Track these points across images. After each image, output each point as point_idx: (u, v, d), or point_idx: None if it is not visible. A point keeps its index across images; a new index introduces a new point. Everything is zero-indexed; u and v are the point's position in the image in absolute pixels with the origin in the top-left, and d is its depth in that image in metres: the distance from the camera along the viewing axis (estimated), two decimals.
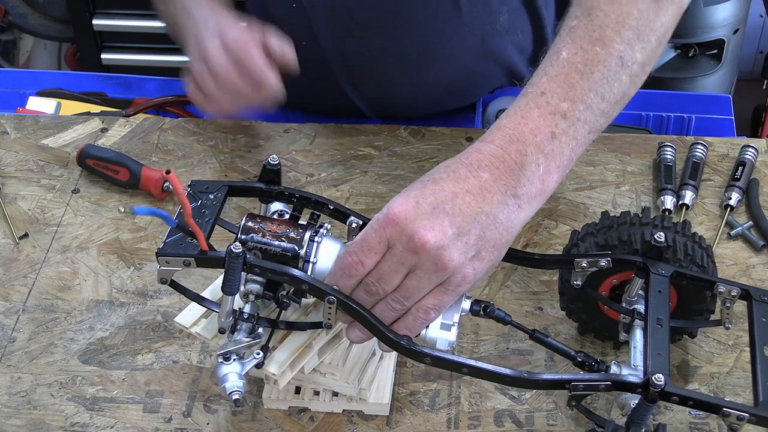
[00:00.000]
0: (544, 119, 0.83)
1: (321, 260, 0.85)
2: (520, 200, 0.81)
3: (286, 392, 0.94)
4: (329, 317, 0.84)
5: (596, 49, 0.86)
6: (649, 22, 0.89)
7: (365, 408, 0.94)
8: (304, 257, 0.84)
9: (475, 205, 0.79)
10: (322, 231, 0.86)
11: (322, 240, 0.85)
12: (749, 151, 1.21)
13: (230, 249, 0.80)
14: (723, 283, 0.90)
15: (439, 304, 0.81)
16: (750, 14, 2.19)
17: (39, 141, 1.28)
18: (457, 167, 0.81)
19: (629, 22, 0.88)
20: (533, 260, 0.93)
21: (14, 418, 0.96)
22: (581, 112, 0.84)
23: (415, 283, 0.80)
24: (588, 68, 0.85)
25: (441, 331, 0.85)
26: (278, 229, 0.85)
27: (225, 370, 0.83)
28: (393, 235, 0.79)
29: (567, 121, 0.84)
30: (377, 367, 0.96)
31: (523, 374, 0.84)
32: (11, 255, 1.12)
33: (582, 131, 0.85)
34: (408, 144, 1.27)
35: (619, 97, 0.88)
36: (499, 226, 0.80)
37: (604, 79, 0.86)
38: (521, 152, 0.82)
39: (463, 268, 0.80)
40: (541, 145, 0.82)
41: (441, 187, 0.80)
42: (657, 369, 0.81)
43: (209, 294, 0.91)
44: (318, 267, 0.85)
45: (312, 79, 1.26)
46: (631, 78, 0.88)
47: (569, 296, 0.98)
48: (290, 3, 1.24)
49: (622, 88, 0.88)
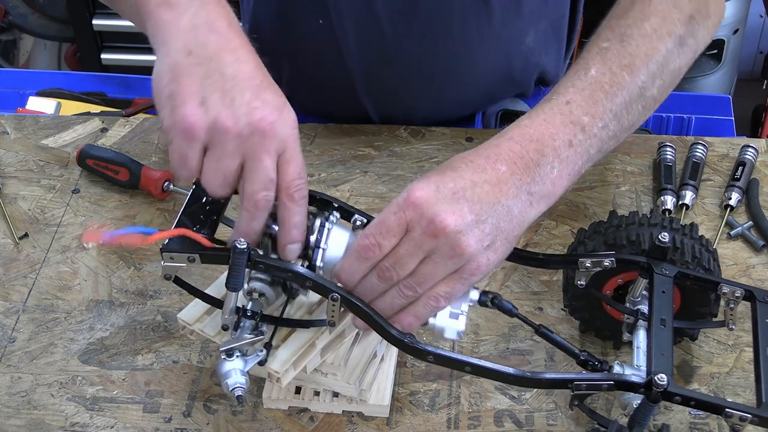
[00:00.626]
0: (565, 127, 0.85)
1: (331, 247, 0.85)
2: (532, 197, 0.83)
3: (286, 392, 0.94)
4: (333, 315, 0.84)
5: (624, 74, 0.89)
6: (669, 62, 0.93)
7: (365, 409, 0.94)
8: (314, 243, 0.84)
9: (493, 195, 0.80)
10: (332, 218, 0.86)
11: (332, 227, 0.85)
12: (749, 151, 1.21)
13: (234, 245, 0.80)
14: (727, 284, 0.90)
15: (450, 293, 0.81)
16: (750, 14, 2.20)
17: (39, 141, 1.28)
18: (474, 158, 0.82)
19: (656, 57, 0.91)
20: (537, 260, 0.93)
21: (14, 418, 0.95)
22: (599, 129, 0.87)
23: (430, 268, 0.80)
24: (613, 90, 0.88)
25: (450, 320, 0.84)
26: None
27: (228, 366, 0.83)
28: (413, 218, 0.79)
29: (585, 134, 0.86)
30: (378, 368, 0.95)
31: (526, 373, 0.84)
32: (11, 255, 1.12)
33: (594, 148, 0.87)
34: (408, 144, 1.27)
35: (630, 125, 0.91)
36: (513, 218, 0.81)
37: (624, 104, 0.89)
38: (539, 152, 0.83)
39: (478, 256, 0.80)
40: (559, 150, 0.84)
41: (460, 174, 0.81)
42: (660, 369, 0.81)
43: (213, 291, 0.91)
44: (328, 254, 0.84)
45: (332, 90, 1.27)
46: (644, 109, 0.92)
47: (572, 294, 0.98)
48: (317, 19, 1.20)
49: (635, 117, 0.91)
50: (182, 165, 0.80)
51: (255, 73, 0.80)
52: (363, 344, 0.93)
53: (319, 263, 0.85)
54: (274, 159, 0.79)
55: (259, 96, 0.79)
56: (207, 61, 0.78)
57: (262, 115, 0.78)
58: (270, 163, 0.79)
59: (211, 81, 0.78)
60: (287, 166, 0.80)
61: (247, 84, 0.79)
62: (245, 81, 0.79)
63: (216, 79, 0.78)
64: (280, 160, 0.80)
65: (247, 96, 0.78)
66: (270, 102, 0.79)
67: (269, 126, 0.78)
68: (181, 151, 0.79)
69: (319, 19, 1.20)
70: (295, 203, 0.81)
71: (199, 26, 0.80)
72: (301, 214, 0.82)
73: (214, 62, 0.78)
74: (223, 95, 0.77)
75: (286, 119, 0.80)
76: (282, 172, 0.80)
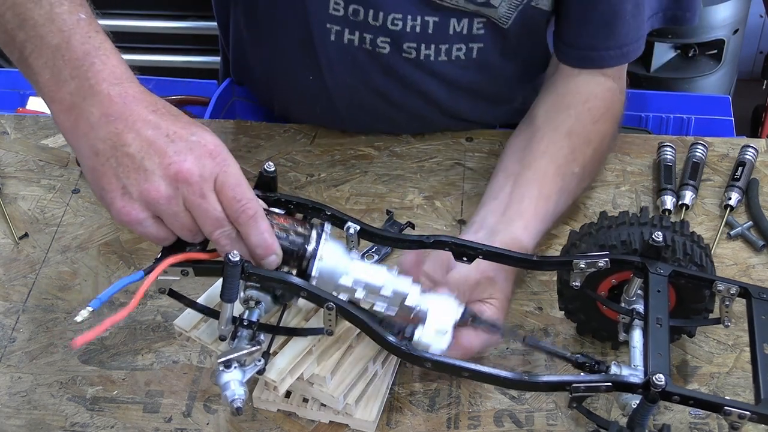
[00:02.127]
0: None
1: (326, 258, 0.85)
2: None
3: (275, 395, 0.94)
4: (330, 323, 0.85)
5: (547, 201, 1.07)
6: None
7: (351, 422, 0.93)
8: (310, 254, 0.85)
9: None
10: (326, 229, 0.87)
11: (327, 238, 0.86)
12: (749, 151, 1.21)
13: (228, 257, 0.80)
14: (722, 282, 0.90)
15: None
16: (750, 14, 2.19)
17: (39, 141, 1.28)
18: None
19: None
20: (531, 263, 0.93)
21: (14, 418, 0.95)
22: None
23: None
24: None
25: (436, 337, 0.86)
26: (286, 223, 0.85)
27: (226, 377, 0.82)
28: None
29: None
30: (369, 384, 0.94)
31: (523, 377, 0.84)
32: (11, 255, 1.12)
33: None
34: (408, 144, 1.27)
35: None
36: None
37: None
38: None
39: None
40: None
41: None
42: (657, 369, 0.81)
43: (205, 299, 0.91)
44: (323, 265, 0.85)
45: (321, 119, 1.30)
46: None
47: (567, 296, 0.98)
48: (307, 75, 1.23)
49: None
50: (152, 239, 0.83)
51: (157, 132, 0.81)
52: (354, 358, 0.92)
53: (314, 273, 0.85)
54: (212, 197, 0.81)
55: (168, 150, 0.80)
56: (113, 152, 0.80)
57: (177, 169, 0.80)
58: (209, 203, 0.81)
59: (123, 167, 0.80)
60: (220, 195, 0.81)
61: (153, 148, 0.80)
62: (151, 148, 0.80)
63: (126, 163, 0.80)
64: (216, 190, 0.81)
65: (156, 159, 0.80)
66: (180, 149, 0.80)
67: (187, 173, 0.80)
68: (139, 231, 0.82)
69: (309, 75, 1.23)
70: (244, 225, 0.82)
71: (96, 124, 0.81)
72: (258, 231, 0.83)
73: (119, 150, 0.80)
74: (137, 173, 0.80)
75: (202, 154, 0.81)
76: (221, 200, 0.81)
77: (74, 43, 0.83)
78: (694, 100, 1.54)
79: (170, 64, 2.18)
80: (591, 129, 1.13)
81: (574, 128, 1.12)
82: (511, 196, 1.05)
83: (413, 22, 1.15)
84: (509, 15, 1.15)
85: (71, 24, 0.84)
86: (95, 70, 0.82)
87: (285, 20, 1.19)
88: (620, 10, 1.13)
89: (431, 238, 0.93)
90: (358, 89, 1.22)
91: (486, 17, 1.15)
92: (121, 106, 0.81)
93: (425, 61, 1.19)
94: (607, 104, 1.16)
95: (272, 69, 1.28)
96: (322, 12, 1.15)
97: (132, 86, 0.83)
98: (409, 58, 1.18)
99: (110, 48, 0.84)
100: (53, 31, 0.84)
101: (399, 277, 0.88)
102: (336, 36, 1.17)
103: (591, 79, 1.17)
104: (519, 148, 1.12)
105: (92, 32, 0.85)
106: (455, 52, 1.18)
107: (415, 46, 1.17)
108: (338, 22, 1.15)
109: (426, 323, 0.87)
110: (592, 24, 1.14)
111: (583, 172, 1.10)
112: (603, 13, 1.13)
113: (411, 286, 0.88)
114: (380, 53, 1.18)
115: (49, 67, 0.83)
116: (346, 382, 0.91)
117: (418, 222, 1.16)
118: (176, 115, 0.83)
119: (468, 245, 0.92)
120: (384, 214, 1.17)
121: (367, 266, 0.88)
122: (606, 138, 1.15)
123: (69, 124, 0.83)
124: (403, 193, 1.20)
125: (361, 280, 0.87)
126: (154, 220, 0.82)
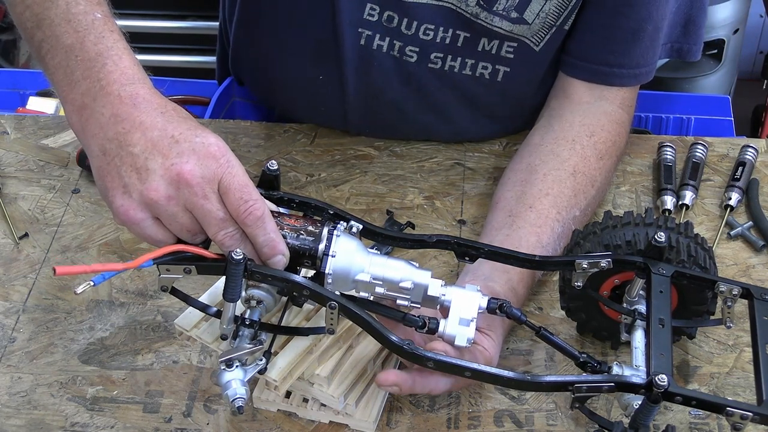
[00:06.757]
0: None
1: (339, 255, 0.85)
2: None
3: (276, 395, 0.94)
4: (332, 322, 0.85)
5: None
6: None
7: (351, 423, 0.93)
8: (323, 251, 0.85)
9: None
10: (339, 226, 0.87)
11: (340, 235, 0.86)
12: (749, 151, 1.21)
13: (230, 256, 0.80)
14: (724, 282, 0.90)
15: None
16: (750, 14, 2.19)
17: (39, 141, 1.28)
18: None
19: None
20: (534, 262, 0.93)
21: (14, 418, 0.95)
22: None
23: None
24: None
25: (460, 327, 0.86)
26: (296, 223, 0.85)
27: (227, 377, 0.82)
28: None
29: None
30: (369, 384, 0.94)
31: (525, 377, 0.84)
32: (11, 255, 1.12)
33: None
34: (408, 144, 1.27)
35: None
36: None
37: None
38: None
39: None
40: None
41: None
42: (660, 369, 0.81)
43: (208, 297, 0.91)
44: (336, 262, 0.85)
45: (324, 119, 1.29)
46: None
47: (569, 296, 0.98)
48: (318, 74, 1.22)
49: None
50: (150, 241, 0.84)
51: (162, 133, 0.81)
52: (355, 359, 0.92)
53: (329, 271, 0.85)
54: (214, 198, 0.81)
55: (171, 152, 0.81)
56: (118, 152, 0.81)
57: (179, 170, 0.80)
58: (212, 205, 0.81)
59: (126, 167, 0.81)
60: (225, 197, 0.81)
61: (157, 149, 0.81)
62: (155, 148, 0.81)
63: (129, 162, 0.81)
64: (220, 192, 0.81)
65: (159, 160, 0.80)
66: (183, 151, 0.81)
67: (189, 175, 0.80)
68: (137, 232, 0.83)
69: (328, 85, 1.22)
70: (251, 226, 0.82)
71: (105, 124, 0.82)
72: (264, 232, 0.83)
73: (124, 149, 0.81)
74: (139, 173, 0.80)
75: (205, 156, 0.81)
76: (225, 203, 0.81)
77: (87, 43, 0.84)
78: (694, 100, 1.54)
79: (170, 64, 2.18)
80: (596, 167, 1.11)
81: (579, 167, 1.10)
82: (509, 242, 1.02)
83: (444, 33, 1.15)
84: (542, 35, 1.14)
85: (86, 24, 0.85)
86: (107, 71, 0.83)
87: (305, 19, 1.18)
88: (641, 29, 1.12)
89: (433, 237, 0.93)
90: (373, 94, 1.22)
91: (518, 41, 1.15)
92: (130, 107, 0.82)
93: (449, 72, 1.18)
94: (613, 138, 1.14)
95: (276, 65, 1.27)
96: (355, 15, 1.14)
97: (142, 87, 0.83)
98: (434, 68, 1.18)
99: (123, 48, 0.85)
100: (68, 31, 0.84)
101: (418, 270, 0.88)
102: (366, 40, 1.16)
103: (600, 107, 1.16)
104: (520, 180, 1.10)
105: (106, 32, 0.85)
106: (480, 69, 1.18)
107: (441, 56, 1.17)
108: (371, 27, 1.15)
109: (450, 313, 0.87)
110: (613, 40, 1.13)
111: (583, 215, 1.09)
112: (625, 31, 1.12)
113: (431, 279, 0.88)
114: (407, 61, 1.17)
115: (62, 67, 0.84)
116: (346, 382, 0.91)
117: (418, 222, 1.16)
118: (184, 117, 0.84)
119: (470, 245, 0.92)
120: (384, 214, 1.17)
121: (386, 260, 0.87)
122: (609, 174, 1.14)
123: (80, 124, 0.83)
124: (403, 193, 1.20)
125: (379, 275, 0.86)
126: (153, 221, 0.82)
